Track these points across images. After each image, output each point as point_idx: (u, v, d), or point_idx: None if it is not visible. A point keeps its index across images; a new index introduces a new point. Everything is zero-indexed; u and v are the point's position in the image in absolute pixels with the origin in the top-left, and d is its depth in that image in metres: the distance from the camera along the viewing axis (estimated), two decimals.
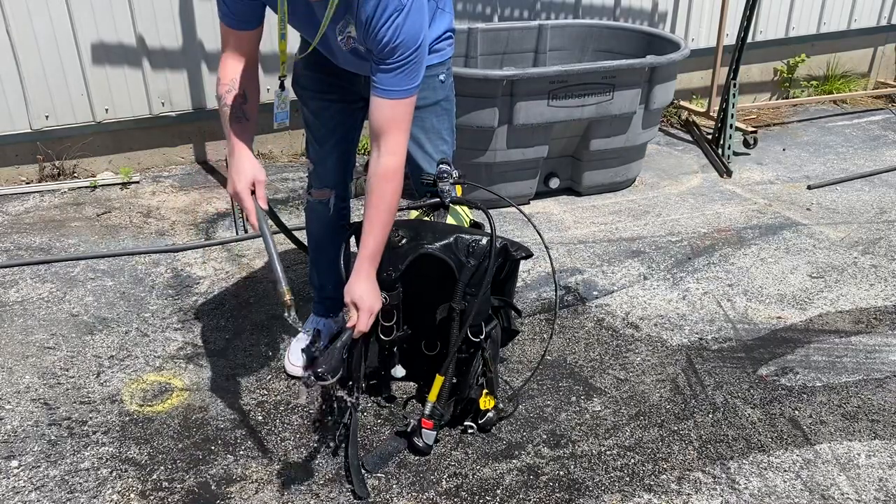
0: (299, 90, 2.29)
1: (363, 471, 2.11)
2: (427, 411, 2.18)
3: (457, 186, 2.37)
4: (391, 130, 1.92)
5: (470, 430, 2.26)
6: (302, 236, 2.65)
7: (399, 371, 2.38)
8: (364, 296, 1.98)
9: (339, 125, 2.30)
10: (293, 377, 2.49)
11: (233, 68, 2.02)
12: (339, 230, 2.45)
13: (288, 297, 1.84)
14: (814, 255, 3.35)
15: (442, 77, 2.26)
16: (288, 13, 1.94)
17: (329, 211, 2.41)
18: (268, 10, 2.02)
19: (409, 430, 2.22)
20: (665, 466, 2.17)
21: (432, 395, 2.18)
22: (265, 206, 1.95)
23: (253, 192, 1.93)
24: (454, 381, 2.26)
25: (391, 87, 1.88)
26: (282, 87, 2.13)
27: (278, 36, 2.02)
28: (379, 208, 1.97)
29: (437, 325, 2.24)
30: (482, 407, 2.23)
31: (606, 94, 3.59)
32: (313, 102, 2.28)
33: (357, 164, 2.51)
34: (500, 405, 2.30)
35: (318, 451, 2.20)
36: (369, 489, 2.06)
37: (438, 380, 2.19)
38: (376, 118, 1.92)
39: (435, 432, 2.19)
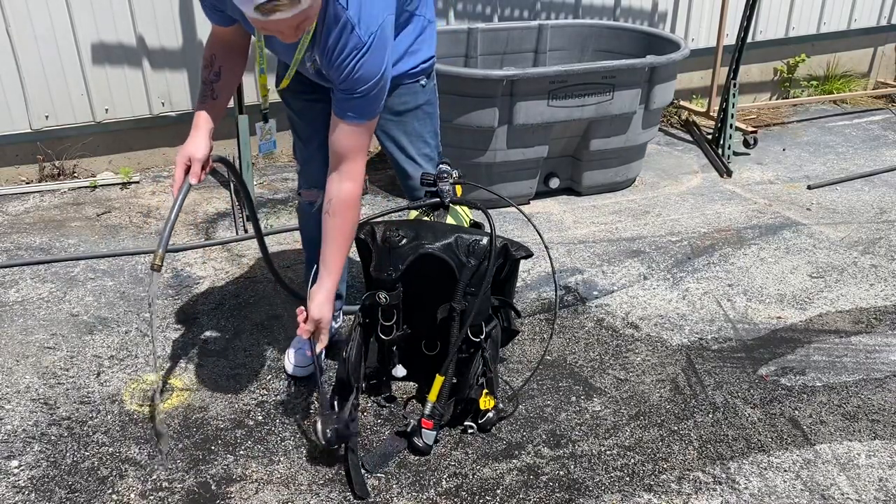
0: (281, 91, 2.30)
1: (363, 471, 2.11)
2: (427, 411, 2.18)
3: (457, 186, 2.38)
4: (351, 156, 1.99)
5: (470, 430, 2.26)
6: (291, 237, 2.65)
7: (400, 371, 2.38)
8: (315, 309, 2.05)
9: (323, 124, 2.30)
10: (293, 377, 2.49)
11: (214, 46, 2.08)
12: None
13: (158, 260, 1.97)
14: (814, 255, 3.35)
15: (423, 82, 2.27)
16: (264, 41, 1.97)
17: (319, 211, 2.41)
18: None
19: (409, 430, 2.22)
20: (665, 466, 2.17)
21: (432, 395, 2.19)
22: (193, 182, 2.03)
23: (190, 168, 2.03)
24: (454, 381, 2.26)
25: (351, 111, 1.94)
26: (265, 119, 2.15)
27: (257, 70, 2.05)
28: (343, 231, 2.06)
29: (437, 325, 2.25)
30: (482, 407, 2.23)
31: (606, 94, 3.59)
32: (296, 103, 2.30)
33: None
34: (500, 405, 2.30)
35: (318, 451, 2.20)
36: (369, 489, 2.06)
37: (438, 380, 2.19)
38: (336, 140, 1.99)
39: (435, 432, 2.19)
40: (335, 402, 2.15)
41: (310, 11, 1.69)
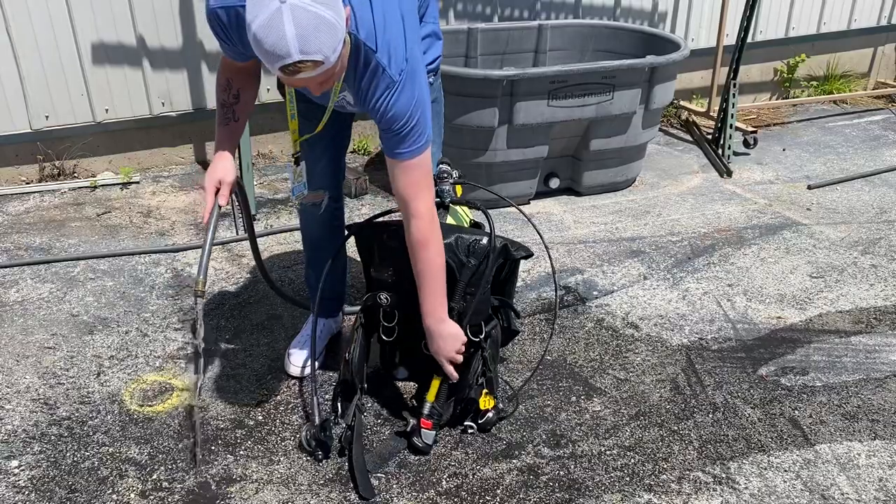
0: (286, 93, 2.30)
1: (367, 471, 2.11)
2: (426, 411, 2.18)
3: (457, 186, 2.38)
4: (412, 194, 1.98)
5: (470, 430, 2.26)
6: (294, 236, 2.65)
7: (401, 372, 2.38)
8: (439, 350, 2.12)
9: (329, 125, 2.30)
10: (293, 377, 2.49)
11: (229, 67, 2.06)
12: (334, 229, 2.46)
13: (201, 286, 1.98)
14: (814, 255, 3.35)
15: (430, 79, 2.27)
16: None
17: (323, 212, 2.41)
18: None
19: (408, 430, 2.22)
20: (665, 466, 2.17)
21: (430, 395, 2.19)
22: (223, 204, 2.04)
23: (219, 191, 2.03)
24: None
25: (397, 148, 1.93)
26: (297, 162, 2.17)
27: (288, 116, 2.04)
28: (425, 273, 2.06)
29: None
30: (482, 407, 2.23)
31: (606, 94, 3.59)
32: (301, 105, 2.29)
33: (357, 164, 2.52)
34: (501, 405, 2.30)
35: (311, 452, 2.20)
36: (374, 489, 2.05)
37: (436, 380, 2.19)
38: (395, 182, 1.99)
39: (434, 432, 2.19)
40: (322, 409, 2.19)
41: (334, 69, 1.69)
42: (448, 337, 2.13)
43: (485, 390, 2.24)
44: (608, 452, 2.21)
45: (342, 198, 2.49)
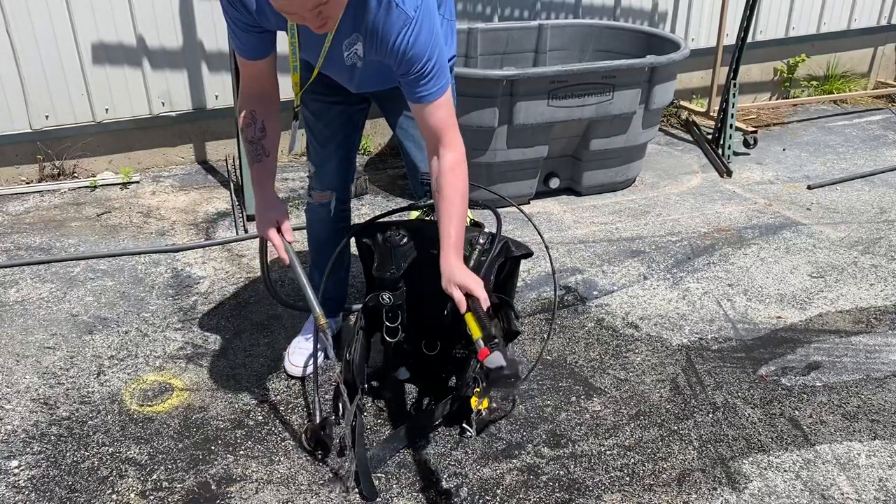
0: (289, 43, 2.27)
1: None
2: (482, 344, 1.85)
3: None
4: (442, 129, 1.95)
5: (468, 435, 2.24)
6: (302, 235, 2.65)
7: (403, 373, 2.38)
8: (466, 279, 1.94)
9: (341, 127, 2.30)
10: (293, 377, 2.49)
11: (251, 100, 2.03)
12: (340, 231, 2.46)
13: (324, 321, 2.00)
14: (814, 255, 3.35)
15: None
16: (299, 38, 1.94)
17: (330, 213, 2.41)
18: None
19: (489, 377, 1.86)
20: (665, 466, 2.17)
21: (475, 331, 1.89)
22: (291, 240, 2.05)
23: (280, 230, 2.04)
24: (454, 380, 2.25)
25: (422, 90, 1.90)
26: (296, 117, 2.15)
27: (291, 68, 2.03)
28: (452, 199, 1.98)
29: (437, 325, 2.24)
30: (473, 406, 2.21)
31: (606, 94, 3.59)
32: (315, 104, 2.28)
33: (357, 164, 2.52)
34: (495, 404, 2.28)
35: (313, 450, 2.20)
36: (377, 490, 2.05)
37: (468, 315, 1.93)
38: (423, 125, 1.96)
39: (501, 352, 1.82)
40: (323, 408, 2.15)
41: None
42: (470, 274, 1.96)
43: (477, 389, 2.22)
44: (608, 452, 2.21)
45: (349, 199, 2.49)
